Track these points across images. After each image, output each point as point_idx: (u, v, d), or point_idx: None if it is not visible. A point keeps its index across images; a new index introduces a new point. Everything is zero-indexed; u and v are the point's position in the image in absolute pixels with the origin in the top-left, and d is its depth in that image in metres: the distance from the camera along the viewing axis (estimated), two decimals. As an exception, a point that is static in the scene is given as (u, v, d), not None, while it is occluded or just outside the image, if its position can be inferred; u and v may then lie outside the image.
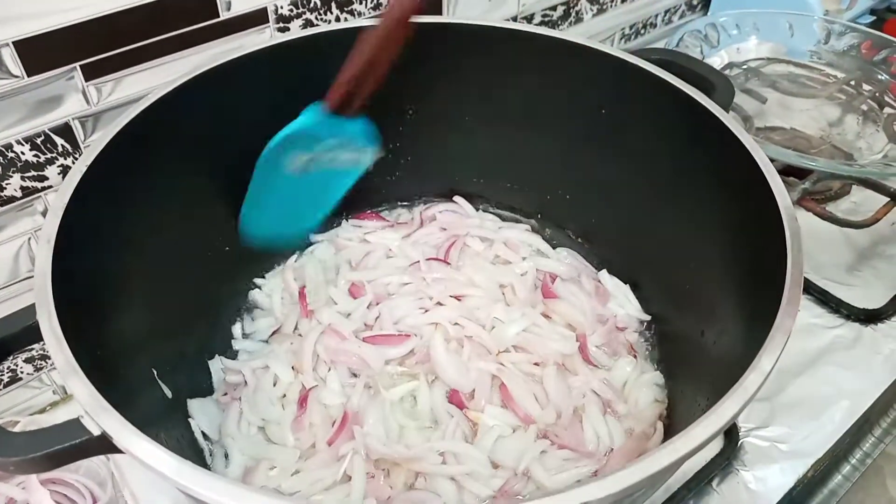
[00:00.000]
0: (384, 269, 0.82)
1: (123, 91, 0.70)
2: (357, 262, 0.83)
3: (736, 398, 0.43)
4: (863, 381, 0.81)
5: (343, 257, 0.84)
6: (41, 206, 0.71)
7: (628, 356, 0.76)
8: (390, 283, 0.80)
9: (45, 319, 0.45)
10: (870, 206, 0.99)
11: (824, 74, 1.15)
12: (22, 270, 0.73)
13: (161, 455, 0.39)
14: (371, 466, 0.64)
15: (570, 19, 1.13)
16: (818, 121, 1.09)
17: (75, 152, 0.70)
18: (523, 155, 0.84)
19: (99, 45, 0.67)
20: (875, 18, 1.45)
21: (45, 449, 0.42)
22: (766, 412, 0.77)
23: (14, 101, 0.64)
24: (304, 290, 0.80)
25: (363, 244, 0.85)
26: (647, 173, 0.74)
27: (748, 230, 0.60)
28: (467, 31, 0.76)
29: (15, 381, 0.79)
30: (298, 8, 0.79)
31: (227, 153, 0.72)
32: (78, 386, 0.42)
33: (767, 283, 0.51)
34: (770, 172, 0.57)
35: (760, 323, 0.48)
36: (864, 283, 0.93)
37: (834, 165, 0.91)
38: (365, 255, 0.84)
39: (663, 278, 0.77)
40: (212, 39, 0.74)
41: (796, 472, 0.73)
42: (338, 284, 0.80)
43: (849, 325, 0.87)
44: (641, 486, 0.39)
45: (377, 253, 0.84)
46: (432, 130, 0.83)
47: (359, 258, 0.83)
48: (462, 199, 0.91)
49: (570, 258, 0.86)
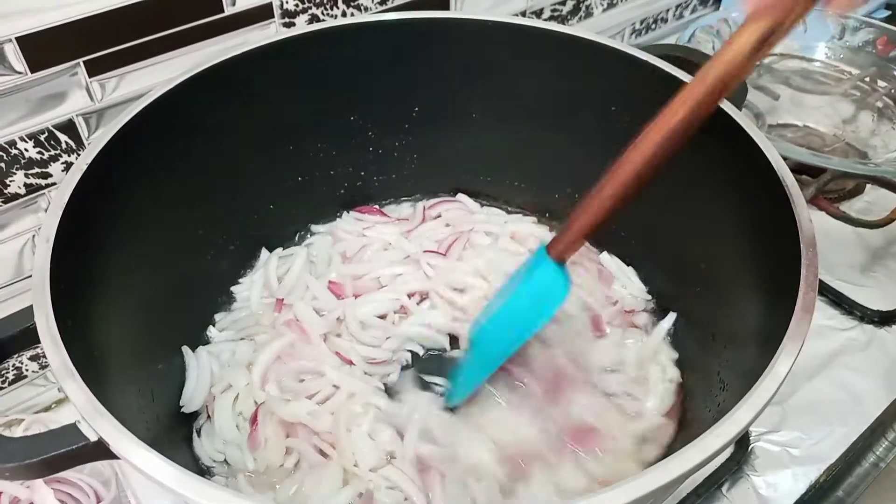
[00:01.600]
0: (378, 262, 0.81)
1: (127, 87, 0.70)
2: (352, 255, 0.82)
3: (749, 406, 0.43)
4: (876, 384, 0.80)
5: (338, 249, 0.83)
6: (45, 203, 0.70)
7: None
8: (382, 276, 0.79)
9: (43, 321, 0.45)
10: (884, 205, 0.98)
11: (838, 70, 1.13)
12: (26, 268, 0.72)
13: (156, 462, 0.39)
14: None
15: (580, 14, 1.12)
16: (832, 118, 1.07)
17: (79, 149, 0.69)
18: (531, 152, 0.83)
19: (102, 40, 0.66)
20: (890, 13, 1.42)
21: (42, 455, 0.41)
22: (778, 416, 0.76)
23: (17, 98, 0.64)
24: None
25: (360, 238, 0.84)
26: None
27: (761, 231, 0.59)
28: (475, 27, 0.75)
29: (20, 379, 0.79)
30: (304, 3, 0.78)
31: (231, 150, 0.71)
32: (74, 390, 0.41)
33: (781, 286, 0.50)
34: (784, 172, 0.56)
35: (774, 327, 0.47)
36: (878, 284, 0.91)
37: (848, 164, 0.89)
38: (361, 247, 0.83)
39: (676, 280, 0.76)
40: (216, 35, 0.73)
41: (808, 478, 0.71)
42: (327, 276, 0.79)
43: (862, 327, 0.86)
44: (651, 497, 0.38)
45: (374, 246, 0.83)
46: (438, 128, 0.82)
47: (354, 251, 0.82)
48: (466, 197, 0.90)
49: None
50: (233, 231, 0.77)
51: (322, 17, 0.80)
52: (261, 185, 0.77)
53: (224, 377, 0.70)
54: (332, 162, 0.82)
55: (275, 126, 0.74)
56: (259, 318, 0.76)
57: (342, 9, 0.81)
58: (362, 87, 0.76)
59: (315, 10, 0.79)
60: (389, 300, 0.77)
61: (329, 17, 0.81)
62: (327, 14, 0.81)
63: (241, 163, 0.73)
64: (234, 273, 0.81)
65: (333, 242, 0.84)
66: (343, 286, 0.78)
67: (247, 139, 0.72)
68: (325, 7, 0.80)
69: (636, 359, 0.72)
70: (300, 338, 0.72)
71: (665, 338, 0.75)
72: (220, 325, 0.76)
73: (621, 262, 0.82)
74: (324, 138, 0.80)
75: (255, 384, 0.69)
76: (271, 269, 0.79)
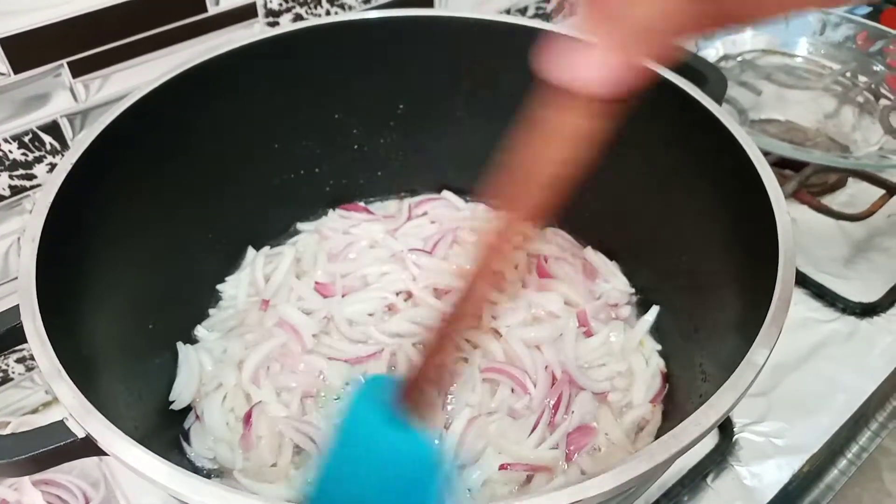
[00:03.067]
0: (363, 261, 0.81)
1: (112, 88, 0.70)
2: (337, 253, 0.82)
3: (728, 393, 0.43)
4: (859, 375, 0.81)
5: (324, 247, 0.83)
6: (29, 205, 0.70)
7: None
8: (368, 275, 0.79)
9: (30, 320, 0.45)
10: (866, 198, 0.99)
11: (820, 66, 1.14)
12: (11, 270, 0.72)
13: (143, 456, 0.39)
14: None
15: (564, 11, 1.12)
16: (814, 113, 1.08)
17: (63, 150, 0.69)
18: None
19: (86, 41, 0.66)
20: (871, 9, 1.44)
21: (30, 452, 0.41)
22: (762, 407, 0.77)
23: (1, 99, 0.64)
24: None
25: (346, 236, 0.84)
26: (639, 167, 0.73)
27: (741, 224, 0.59)
28: (459, 24, 0.75)
29: (6, 382, 0.79)
30: (288, 2, 0.78)
31: (216, 149, 0.72)
32: (62, 388, 0.42)
33: (760, 277, 0.51)
34: (762, 166, 0.57)
35: (753, 319, 0.48)
36: (860, 276, 0.92)
37: (830, 158, 0.90)
38: (347, 245, 0.83)
39: (659, 273, 0.77)
40: (200, 34, 0.73)
41: (792, 468, 0.72)
42: (312, 276, 0.79)
43: (845, 319, 0.87)
44: (634, 484, 0.39)
45: (359, 244, 0.83)
46: (423, 125, 0.82)
47: (340, 248, 0.82)
48: (451, 193, 0.90)
49: (556, 237, 0.85)
50: (219, 230, 0.77)
51: (306, 15, 0.80)
52: (246, 184, 0.77)
53: (215, 375, 0.70)
54: (317, 160, 0.82)
55: (260, 125, 0.74)
56: (245, 317, 0.76)
57: (326, 7, 0.82)
58: (347, 85, 0.77)
59: (299, 8, 0.79)
60: (377, 299, 0.77)
61: (313, 15, 0.81)
62: (311, 13, 0.81)
63: (227, 162, 0.73)
64: (221, 272, 0.81)
65: (319, 240, 0.84)
66: (329, 286, 0.78)
67: (232, 138, 0.73)
68: (310, 6, 0.80)
69: (620, 350, 0.72)
70: (292, 338, 0.72)
71: (648, 331, 0.75)
72: (208, 324, 0.76)
73: (605, 258, 0.82)
74: (309, 137, 0.80)
75: (244, 382, 0.69)
76: (258, 267, 0.79)
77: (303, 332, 0.72)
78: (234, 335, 0.75)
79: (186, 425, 0.68)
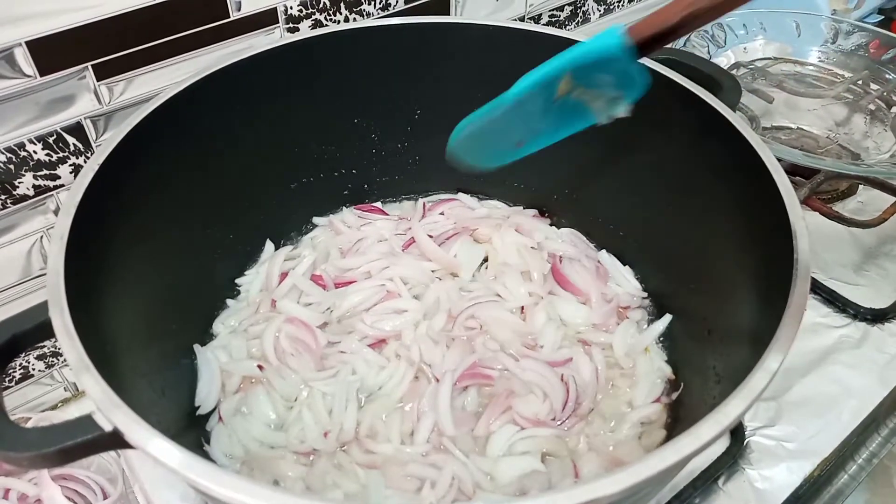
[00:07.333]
0: (371, 255, 0.82)
1: (135, 91, 0.71)
2: (348, 249, 0.83)
3: (742, 397, 0.43)
4: (870, 380, 0.81)
5: (337, 243, 0.84)
6: (53, 204, 0.71)
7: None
8: (371, 268, 0.80)
9: (58, 316, 0.46)
10: (877, 205, 0.99)
11: (831, 74, 1.14)
12: (34, 268, 0.73)
13: (170, 449, 0.40)
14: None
15: (578, 19, 1.13)
16: (825, 120, 1.08)
17: (87, 151, 0.70)
18: (530, 154, 0.84)
19: (110, 44, 0.67)
20: (883, 18, 1.44)
21: (58, 444, 0.42)
22: (773, 411, 0.77)
23: (26, 101, 0.64)
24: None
25: (357, 232, 0.85)
26: (655, 173, 0.74)
27: (755, 230, 0.60)
28: (475, 31, 0.76)
29: (27, 378, 0.80)
30: (308, 8, 0.79)
31: (238, 151, 0.73)
32: (90, 382, 0.42)
33: (774, 283, 0.51)
34: (777, 172, 0.57)
35: (767, 323, 0.48)
36: (871, 282, 0.93)
37: (841, 165, 0.90)
38: (357, 240, 0.84)
39: (672, 277, 0.77)
40: (222, 40, 0.74)
41: (803, 472, 0.73)
42: (321, 271, 0.81)
43: (855, 325, 0.87)
44: (646, 485, 0.39)
45: (369, 240, 0.84)
46: (439, 130, 0.83)
47: (350, 244, 0.84)
48: (466, 195, 0.91)
49: (572, 237, 0.86)
50: (238, 229, 0.78)
51: (325, 22, 0.82)
52: (266, 186, 0.78)
53: (237, 371, 0.71)
54: (335, 163, 0.84)
55: (280, 128, 0.75)
56: (256, 310, 0.78)
57: (345, 14, 0.83)
58: (365, 90, 0.78)
59: (318, 15, 0.80)
60: (376, 287, 0.78)
61: (332, 22, 0.82)
62: (330, 20, 0.82)
63: (247, 164, 0.74)
64: (240, 269, 0.82)
65: (334, 236, 0.85)
66: (328, 278, 0.80)
67: (252, 141, 0.74)
68: (329, 12, 0.81)
69: (625, 353, 0.73)
70: (302, 329, 0.74)
71: (659, 337, 0.76)
72: (225, 321, 0.78)
73: (618, 262, 0.83)
74: (328, 141, 0.81)
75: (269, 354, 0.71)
76: (276, 266, 0.80)
77: (310, 324, 0.74)
78: (242, 330, 0.76)
79: (209, 427, 0.68)
